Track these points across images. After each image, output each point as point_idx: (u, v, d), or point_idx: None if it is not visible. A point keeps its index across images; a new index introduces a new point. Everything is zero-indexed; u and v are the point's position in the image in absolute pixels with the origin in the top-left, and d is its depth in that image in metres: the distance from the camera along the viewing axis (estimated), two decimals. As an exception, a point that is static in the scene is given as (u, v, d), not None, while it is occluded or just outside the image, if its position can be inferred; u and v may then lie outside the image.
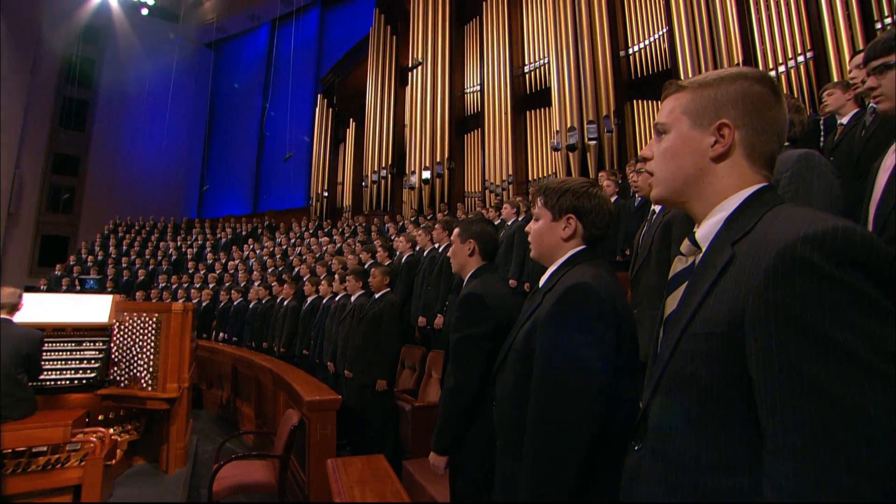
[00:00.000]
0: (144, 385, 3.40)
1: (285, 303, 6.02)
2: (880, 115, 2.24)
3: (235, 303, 7.64)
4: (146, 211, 15.57)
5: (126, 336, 3.52)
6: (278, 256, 10.48)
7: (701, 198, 0.81)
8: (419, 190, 11.23)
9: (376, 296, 3.77)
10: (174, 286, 9.95)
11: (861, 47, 6.16)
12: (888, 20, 6.40)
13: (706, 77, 0.84)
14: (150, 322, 3.52)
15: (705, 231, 0.80)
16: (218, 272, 10.54)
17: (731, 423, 0.65)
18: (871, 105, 2.37)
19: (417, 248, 5.02)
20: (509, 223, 4.97)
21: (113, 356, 3.49)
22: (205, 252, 12.62)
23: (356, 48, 14.69)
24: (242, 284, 8.74)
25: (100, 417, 3.45)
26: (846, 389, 0.53)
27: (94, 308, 3.63)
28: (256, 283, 8.04)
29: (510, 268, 4.52)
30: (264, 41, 19.75)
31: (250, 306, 7.21)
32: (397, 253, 5.27)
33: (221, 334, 7.68)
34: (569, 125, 8.91)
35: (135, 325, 3.53)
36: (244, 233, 13.83)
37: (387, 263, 4.74)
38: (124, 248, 13.13)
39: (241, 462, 2.92)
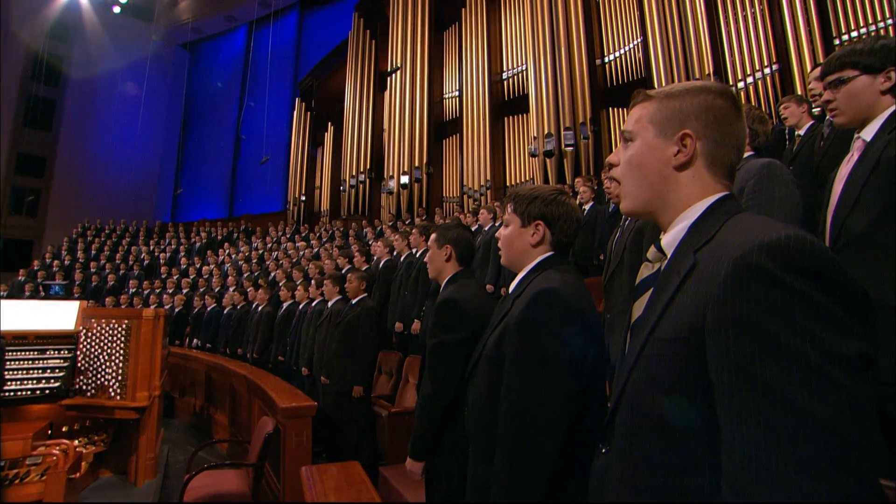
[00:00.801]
0: (113, 394, 3.30)
1: (260, 308, 5.92)
2: (836, 128, 2.34)
3: (209, 308, 7.48)
4: (117, 214, 15.14)
5: (94, 344, 3.41)
6: (254, 261, 10.31)
7: (666, 206, 0.84)
8: (397, 194, 11.22)
9: (353, 301, 3.75)
10: (146, 292, 9.69)
11: (821, 61, 6.46)
12: (845, 37, 6.87)
13: (672, 88, 0.87)
14: (120, 329, 3.42)
15: (670, 238, 0.82)
16: (192, 277, 10.30)
17: (693, 426, 0.67)
18: (828, 118, 2.48)
19: (395, 253, 5.00)
20: (486, 228, 5.00)
21: (79, 365, 3.37)
22: (178, 257, 12.33)
23: (335, 52, 14.62)
24: (217, 290, 8.57)
25: (64, 429, 3.32)
26: (795, 392, 0.55)
27: (59, 315, 3.50)
28: (231, 289, 7.89)
29: (487, 273, 4.55)
30: (241, 43, 19.49)
31: (225, 312, 7.07)
32: (375, 258, 5.24)
33: (195, 341, 7.51)
34: (546, 131, 9.04)
35: (103, 332, 3.42)
36: (219, 237, 13.56)
37: (364, 268, 4.72)
38: (93, 252, 12.73)
39: (213, 472, 2.85)
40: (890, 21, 6.79)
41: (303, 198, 14.23)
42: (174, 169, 19.46)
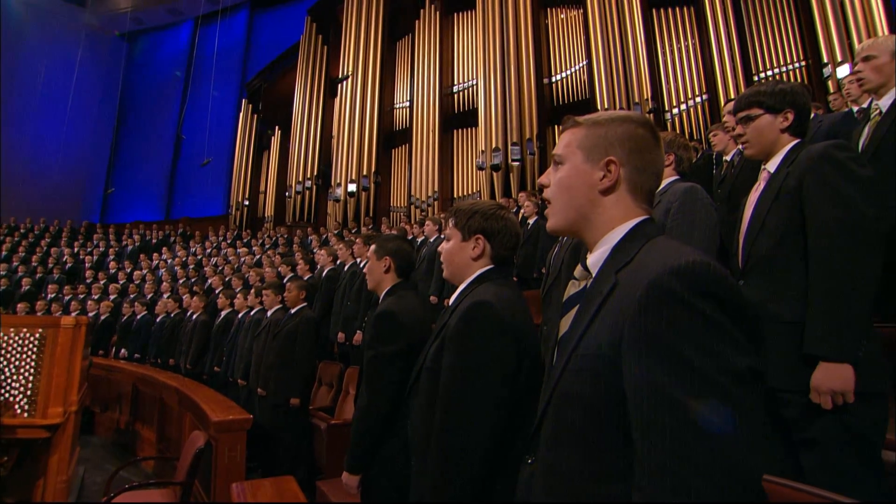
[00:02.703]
0: (19, 411, 3.01)
1: (195, 317, 5.64)
2: (747, 158, 2.56)
3: (139, 316, 7.04)
4: (35, 213, 13.91)
5: None
6: (191, 267, 9.82)
7: (591, 226, 0.89)
8: (344, 202, 11.08)
9: (292, 311, 3.66)
10: (67, 297, 8.96)
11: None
12: (763, 74, 7.72)
13: (599, 116, 0.93)
14: (32, 338, 3.14)
15: (595, 258, 0.87)
16: (121, 283, 9.66)
17: (611, 437, 0.71)
18: (739, 147, 2.71)
19: (338, 262, 4.93)
20: (432, 240, 5.03)
21: (-20, 378, 3.06)
22: (107, 260, 11.53)
23: (285, 54, 14.30)
24: (149, 296, 8.08)
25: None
26: (695, 404, 0.61)
27: (-42, 322, 3.16)
28: (165, 295, 7.46)
29: (431, 284, 4.58)
30: (186, 38, 18.59)
31: (157, 320, 6.67)
32: (318, 266, 5.14)
33: (122, 350, 7.02)
34: (494, 146, 9.26)
35: (11, 341, 3.12)
36: (154, 240, 12.82)
37: (307, 277, 4.62)
38: (4, 253, 11.64)
39: (136, 492, 2.68)
40: (801, 63, 7.63)
41: (246, 202, 13.73)
42: (106, 166, 18.13)
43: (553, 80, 9.80)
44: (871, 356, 1.30)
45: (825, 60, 7.02)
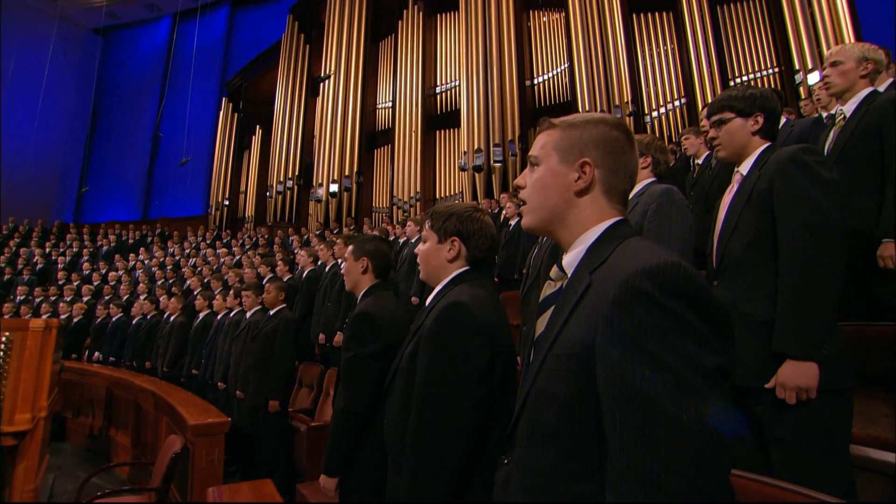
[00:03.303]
0: (-14, 416, 2.91)
1: (173, 318, 5.54)
2: (720, 161, 2.62)
3: (115, 318, 6.86)
4: (3, 212, 13.46)
5: (-36, 359, 2.99)
6: (169, 268, 9.62)
7: (566, 227, 0.90)
8: (326, 203, 10.99)
9: (270, 312, 3.62)
10: (38, 299, 8.70)
11: (720, 98, 7.46)
12: (738, 79, 8.00)
13: (574, 118, 0.94)
14: (-1, 342, 3.04)
15: (570, 259, 0.88)
16: (96, 284, 9.40)
17: (586, 435, 0.72)
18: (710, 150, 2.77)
19: (319, 262, 4.89)
20: (413, 241, 5.02)
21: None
22: (81, 261, 11.22)
23: (267, 53, 14.11)
24: (125, 298, 7.89)
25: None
26: (666, 402, 0.62)
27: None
28: (142, 297, 7.30)
29: (413, 285, 4.57)
30: (164, 35, 18.23)
31: (133, 322, 6.51)
32: (299, 267, 5.09)
33: (96, 354, 6.84)
34: (476, 147, 9.29)
35: (-23, 345, 3.02)
36: (131, 241, 12.53)
37: (287, 278, 4.57)
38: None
39: (108, 499, 2.61)
40: (774, 70, 7.88)
41: (226, 202, 13.52)
42: (80, 165, 17.65)
43: (535, 82, 9.88)
44: (836, 354, 1.34)
45: (797, 67, 7.24)
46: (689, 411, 0.61)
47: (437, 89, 10.88)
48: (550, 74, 9.74)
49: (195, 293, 6.01)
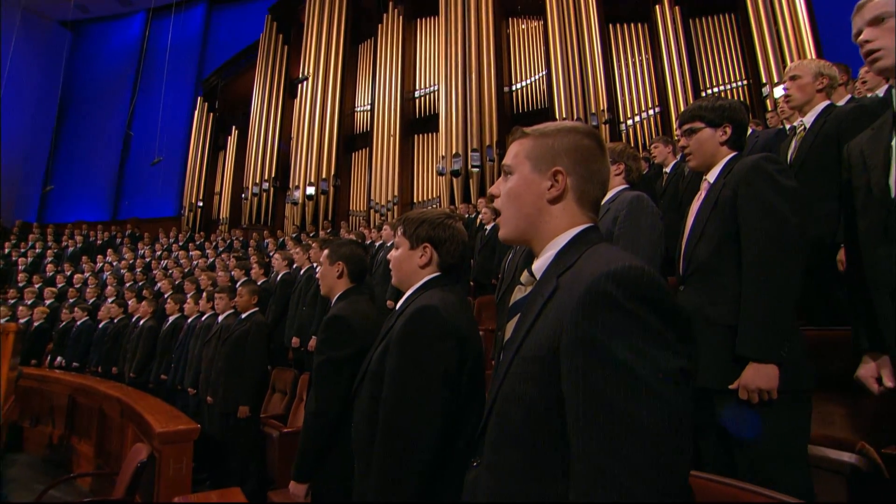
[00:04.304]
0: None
1: (142, 322, 5.38)
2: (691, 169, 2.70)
3: (80, 322, 6.62)
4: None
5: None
6: (139, 270, 9.35)
7: (539, 234, 0.90)
8: (303, 205, 10.88)
9: (242, 316, 3.56)
10: (-4, 302, 8.36)
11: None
12: (709, 90, 8.31)
13: (546, 127, 0.94)
14: (-47, 347, 2.91)
15: (539, 264, 0.89)
16: (60, 286, 9.07)
17: (551, 437, 0.72)
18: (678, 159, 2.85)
19: (294, 266, 4.83)
20: (389, 244, 5.01)
21: None
22: (44, 262, 10.80)
23: (244, 53, 13.92)
24: (91, 301, 7.63)
25: None
26: (627, 404, 0.62)
27: None
28: (110, 300, 7.08)
29: (388, 289, 4.55)
30: (138, 31, 17.76)
31: (100, 326, 6.31)
32: (274, 271, 5.02)
33: (59, 359, 6.59)
34: (454, 151, 9.33)
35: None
36: (99, 241, 12.14)
37: (261, 282, 4.50)
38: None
39: (67, 510, 2.51)
40: (743, 82, 8.19)
41: (200, 203, 13.24)
42: (45, 163, 17.00)
43: (513, 88, 9.99)
44: (796, 357, 1.39)
45: (764, 81, 7.53)
46: (650, 413, 0.62)
47: (416, 93, 10.90)
48: (528, 81, 9.86)
49: (166, 296, 5.86)
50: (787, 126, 3.06)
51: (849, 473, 1.35)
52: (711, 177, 1.68)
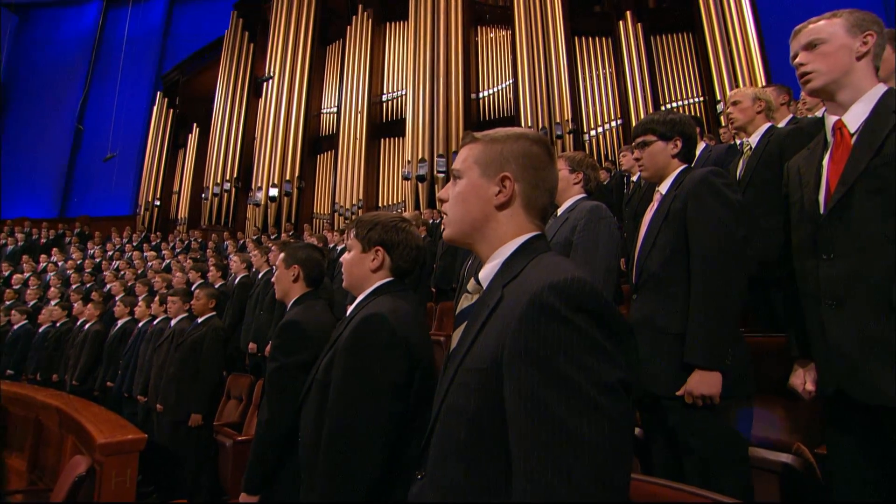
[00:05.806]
0: None
1: (87, 326, 5.10)
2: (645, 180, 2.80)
3: (17, 326, 6.22)
4: None
5: None
6: (87, 271, 8.88)
7: (485, 240, 0.90)
8: (265, 207, 10.63)
9: (199, 320, 3.43)
10: (-77, 304, 7.75)
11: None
12: (668, 105, 8.64)
13: (496, 133, 0.94)
14: None
15: (486, 272, 0.88)
16: (-3, 287, 8.51)
17: (493, 450, 0.71)
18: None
19: (253, 269, 4.71)
20: (353, 248, 4.93)
21: None
22: (-21, 261, 10.13)
23: (207, 48, 13.50)
24: (31, 303, 7.18)
25: None
26: (567, 416, 0.62)
27: None
28: (53, 302, 6.68)
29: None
30: (92, 19, 16.95)
31: (40, 330, 5.94)
32: (231, 273, 4.87)
33: (-7, 366, 6.18)
34: (420, 156, 9.35)
35: None
36: (44, 240, 11.47)
37: (219, 284, 4.35)
38: None
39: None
40: (700, 98, 8.57)
41: (157, 202, 12.72)
42: (-15, 155, 15.99)
43: (480, 95, 10.10)
44: (739, 364, 1.45)
45: (718, 98, 7.89)
46: (590, 425, 0.62)
47: (384, 97, 10.86)
48: (495, 89, 9.99)
49: (116, 299, 5.59)
50: (738, 141, 3.22)
51: (784, 472, 1.42)
52: (663, 188, 1.73)
